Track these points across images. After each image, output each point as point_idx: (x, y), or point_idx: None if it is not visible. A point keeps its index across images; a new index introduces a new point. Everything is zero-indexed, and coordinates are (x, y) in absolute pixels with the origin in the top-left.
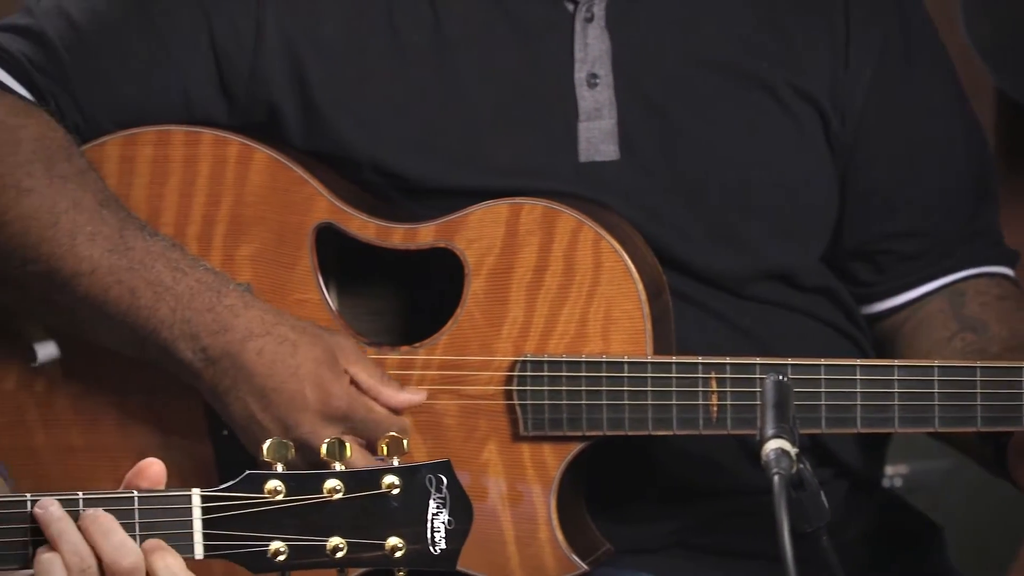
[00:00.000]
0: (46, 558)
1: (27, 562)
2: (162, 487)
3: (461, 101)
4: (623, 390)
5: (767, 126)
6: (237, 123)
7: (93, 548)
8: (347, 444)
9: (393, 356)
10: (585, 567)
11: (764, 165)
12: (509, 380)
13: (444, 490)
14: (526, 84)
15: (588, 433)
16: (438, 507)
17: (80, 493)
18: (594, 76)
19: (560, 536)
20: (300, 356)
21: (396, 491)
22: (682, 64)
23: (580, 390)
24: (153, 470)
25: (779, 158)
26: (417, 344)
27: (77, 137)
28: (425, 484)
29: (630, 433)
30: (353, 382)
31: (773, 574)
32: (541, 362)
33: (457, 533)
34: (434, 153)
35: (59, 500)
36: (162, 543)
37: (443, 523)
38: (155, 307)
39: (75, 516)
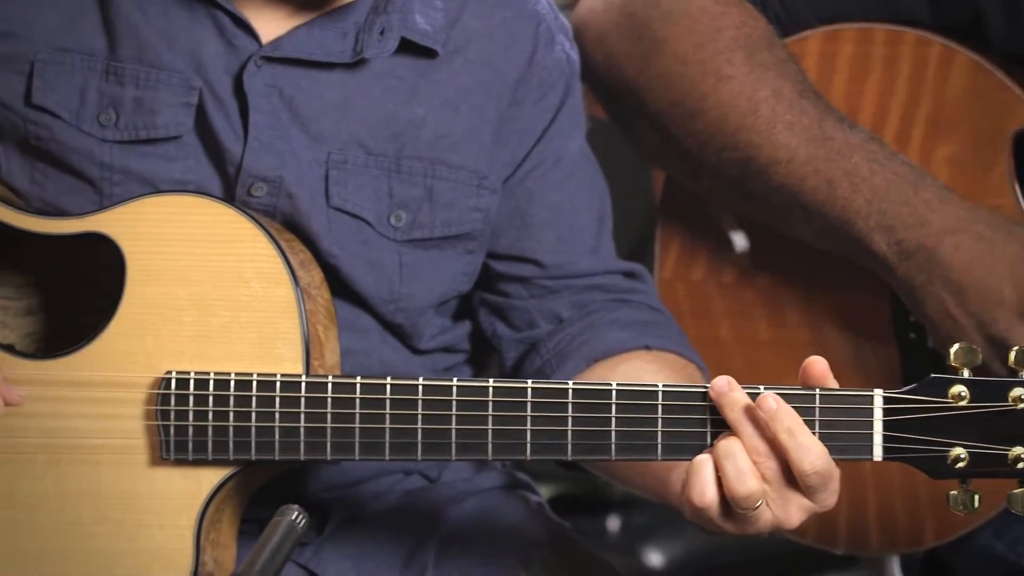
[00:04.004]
0: (725, 444)
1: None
2: (829, 384)
3: None
4: None
5: None
6: (938, 24)
7: (774, 442)
8: None
9: None
10: None
11: None
12: None
13: None
14: None
15: None
16: None
17: (762, 387)
18: None
19: None
20: (997, 254)
21: None
22: None
23: None
24: (817, 368)
25: None
26: None
27: (779, 29)
28: None
29: None
30: None
31: None
32: None
33: None
34: None
35: None
36: None
37: None
38: (851, 198)
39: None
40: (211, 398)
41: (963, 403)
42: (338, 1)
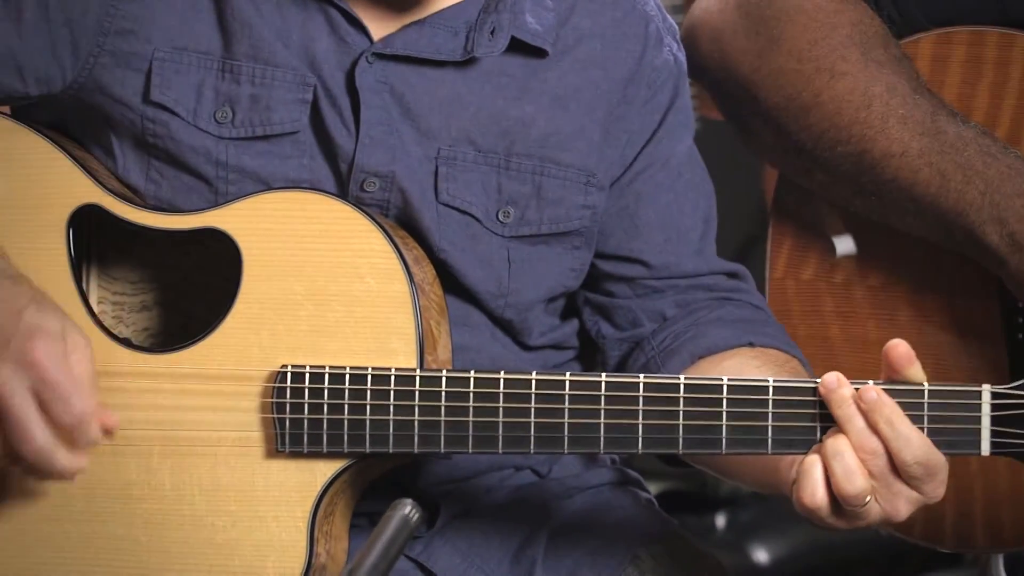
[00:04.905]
0: (833, 443)
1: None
2: (912, 369)
3: None
4: None
5: None
6: None
7: (875, 432)
8: None
9: None
10: None
11: None
12: None
13: None
14: None
15: None
16: None
17: (871, 382)
18: None
19: None
20: None
21: None
22: None
23: None
24: (898, 351)
25: None
26: None
27: (892, 30)
28: None
29: None
30: None
31: None
32: None
33: None
34: None
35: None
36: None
37: None
38: (964, 191)
39: None
40: (326, 391)
41: None
42: (435, 4)
